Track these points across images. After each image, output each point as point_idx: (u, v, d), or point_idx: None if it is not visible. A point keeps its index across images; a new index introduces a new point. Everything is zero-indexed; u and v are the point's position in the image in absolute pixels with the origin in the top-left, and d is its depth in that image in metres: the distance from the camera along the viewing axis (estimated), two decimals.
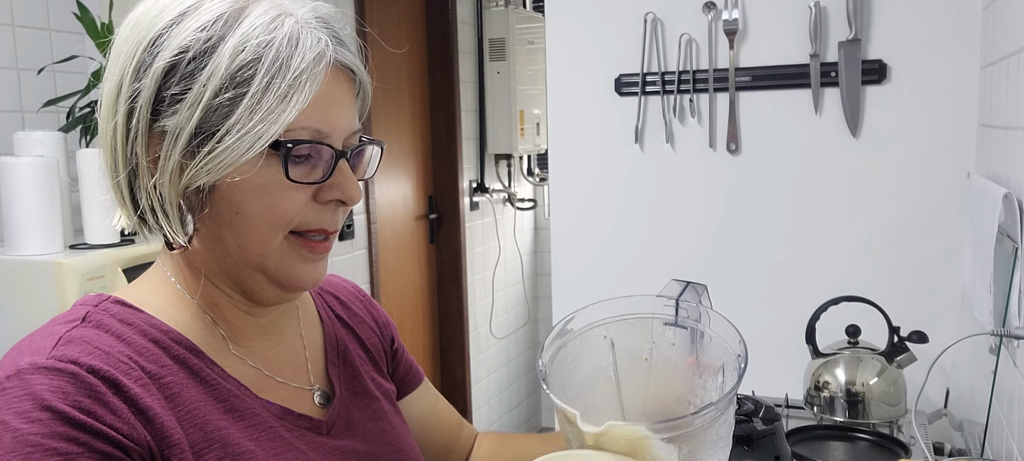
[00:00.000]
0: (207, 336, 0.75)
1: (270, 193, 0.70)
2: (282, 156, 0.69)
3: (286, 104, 0.68)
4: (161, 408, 0.67)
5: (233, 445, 0.70)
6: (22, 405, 0.62)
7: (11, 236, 1.83)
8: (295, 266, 0.74)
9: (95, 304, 0.73)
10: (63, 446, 0.61)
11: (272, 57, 0.68)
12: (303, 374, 0.82)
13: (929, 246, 1.79)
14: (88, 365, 0.65)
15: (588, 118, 2.03)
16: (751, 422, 1.07)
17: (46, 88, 2.12)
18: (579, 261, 2.09)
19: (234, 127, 0.67)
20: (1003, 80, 1.43)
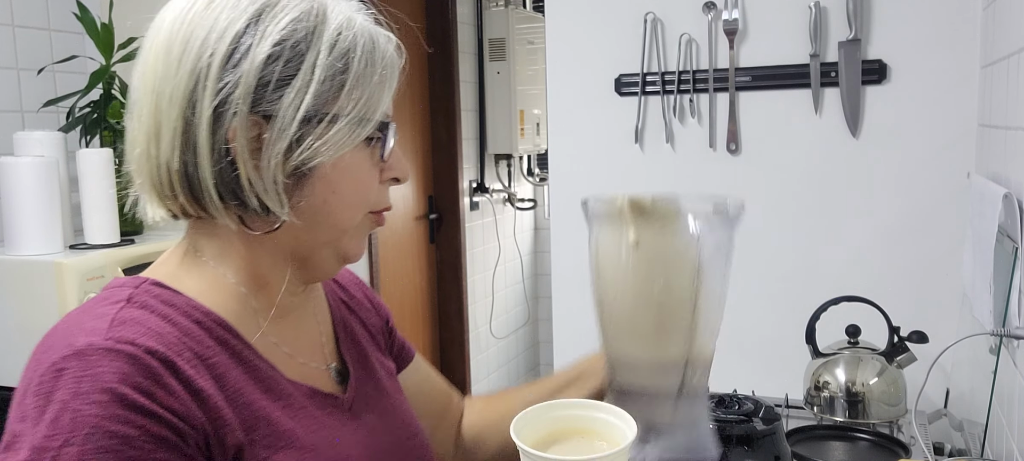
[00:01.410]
0: (242, 318, 0.77)
1: (361, 174, 0.77)
2: (378, 139, 0.76)
3: (383, 90, 0.76)
4: (213, 389, 0.69)
5: (275, 423, 0.73)
6: (81, 386, 0.63)
7: (11, 236, 1.83)
8: (361, 240, 0.81)
9: (135, 286, 0.74)
10: (121, 429, 0.62)
11: (363, 47, 0.74)
12: (320, 354, 0.85)
13: (929, 246, 1.79)
14: (145, 346, 0.66)
15: (588, 118, 2.03)
16: (751, 422, 1.07)
17: (46, 88, 2.12)
18: (579, 261, 2.09)
19: (342, 112, 0.73)
20: (1003, 80, 1.43)
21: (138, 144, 0.74)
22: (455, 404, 1.09)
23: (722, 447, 1.05)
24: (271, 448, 0.72)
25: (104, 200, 1.94)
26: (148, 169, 0.74)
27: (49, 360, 0.66)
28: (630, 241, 0.82)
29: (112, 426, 0.62)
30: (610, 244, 0.84)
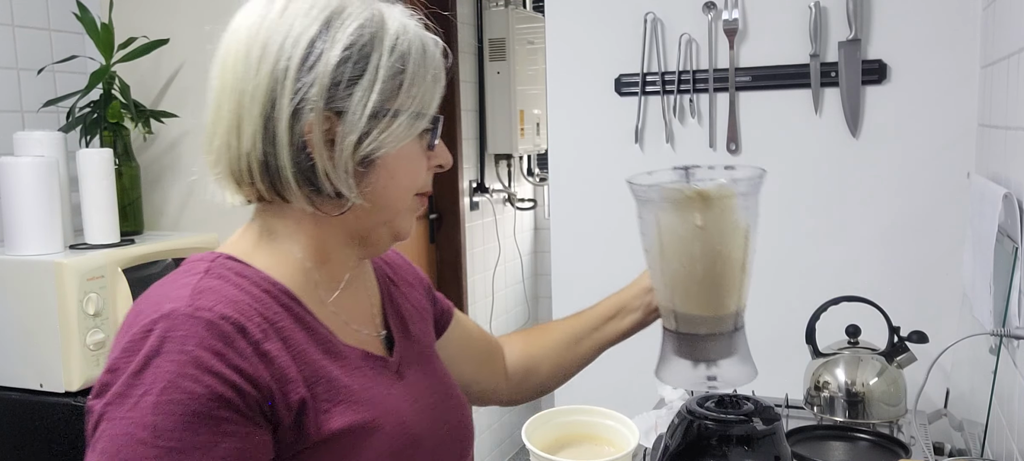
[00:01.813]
0: (306, 289, 0.87)
1: (415, 161, 0.88)
2: (428, 131, 0.88)
3: (435, 87, 0.87)
4: (279, 350, 0.79)
5: (334, 380, 0.83)
6: (164, 346, 0.74)
7: (11, 236, 1.83)
8: (410, 220, 0.92)
9: (211, 260, 0.84)
10: (191, 385, 0.72)
11: (417, 50, 0.85)
12: (371, 323, 0.96)
13: (929, 246, 1.79)
14: (220, 313, 0.76)
15: (588, 118, 2.03)
16: (751, 422, 1.07)
17: (46, 88, 2.12)
18: (579, 261, 2.09)
19: (402, 107, 0.83)
20: (1003, 80, 1.43)
21: (218, 136, 0.83)
22: (496, 346, 1.23)
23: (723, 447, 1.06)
24: (330, 401, 0.82)
25: (104, 200, 1.94)
26: (228, 159, 0.84)
27: (140, 323, 0.76)
28: (697, 224, 0.97)
29: (184, 382, 0.72)
30: (675, 225, 0.99)
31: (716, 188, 0.98)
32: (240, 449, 0.74)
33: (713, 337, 1.02)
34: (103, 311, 1.80)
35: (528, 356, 1.23)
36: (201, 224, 2.30)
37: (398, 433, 0.86)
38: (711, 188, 0.97)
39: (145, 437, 0.71)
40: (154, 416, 0.71)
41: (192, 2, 2.22)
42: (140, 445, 0.71)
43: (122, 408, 0.72)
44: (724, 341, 1.02)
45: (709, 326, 1.02)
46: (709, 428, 1.06)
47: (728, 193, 0.98)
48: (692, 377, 1.02)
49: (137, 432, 0.71)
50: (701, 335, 1.02)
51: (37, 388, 1.79)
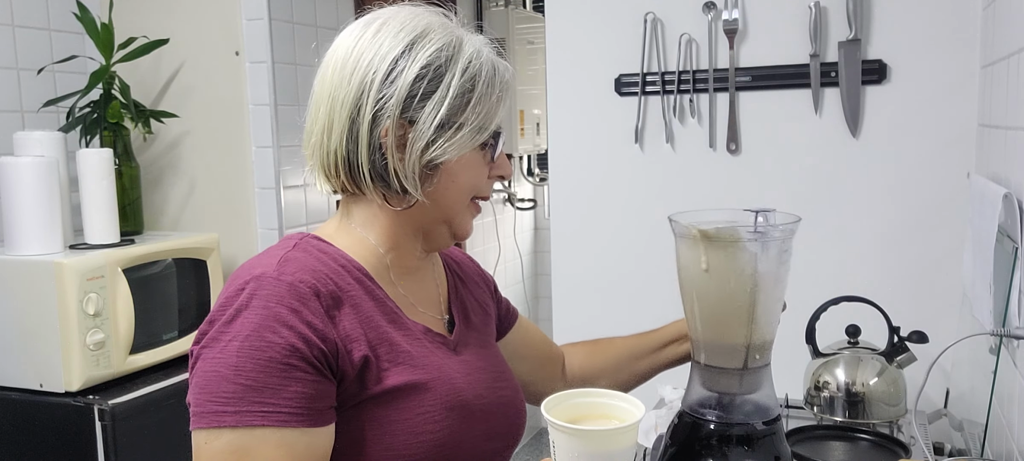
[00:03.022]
0: (377, 268, 1.01)
1: (475, 169, 1.00)
2: (491, 145, 1.00)
3: (499, 107, 0.99)
4: (347, 314, 0.93)
5: (397, 345, 0.96)
6: (252, 301, 0.88)
7: (11, 236, 1.83)
8: (469, 220, 1.04)
9: (300, 238, 0.99)
10: (268, 335, 0.86)
11: (487, 72, 0.97)
12: (437, 307, 1.09)
13: (929, 246, 1.79)
14: (300, 278, 0.91)
15: (588, 118, 2.03)
16: (751, 422, 1.07)
17: (46, 88, 2.12)
18: (579, 261, 2.09)
19: (467, 120, 0.96)
20: (1003, 80, 1.43)
21: (314, 135, 0.98)
22: (556, 351, 1.34)
23: (723, 447, 1.05)
24: (391, 362, 0.95)
25: (104, 200, 1.94)
26: (321, 155, 0.98)
27: (236, 284, 0.91)
28: (702, 267, 1.05)
29: (264, 333, 0.86)
30: (689, 261, 1.08)
31: (718, 231, 1.05)
32: (305, 394, 0.87)
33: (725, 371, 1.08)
34: (103, 311, 1.80)
35: (589, 366, 1.34)
36: (201, 224, 2.30)
37: (448, 393, 0.98)
38: (711, 229, 1.05)
39: (228, 374, 0.85)
40: (238, 358, 0.85)
41: (192, 2, 2.22)
42: (223, 381, 0.85)
43: (213, 350, 0.87)
44: (733, 377, 1.07)
45: (720, 357, 1.08)
46: (709, 428, 1.06)
47: (732, 238, 1.04)
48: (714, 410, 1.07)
49: (222, 370, 0.85)
50: (719, 368, 1.08)
51: (37, 388, 1.79)
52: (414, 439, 0.94)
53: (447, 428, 0.96)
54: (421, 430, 0.94)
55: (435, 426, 0.95)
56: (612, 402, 0.92)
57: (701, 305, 1.08)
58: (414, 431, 0.94)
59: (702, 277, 1.06)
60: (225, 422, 0.85)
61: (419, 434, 0.94)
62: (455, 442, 0.97)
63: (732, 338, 1.07)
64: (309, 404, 0.87)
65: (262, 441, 0.85)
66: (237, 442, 0.85)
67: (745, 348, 1.06)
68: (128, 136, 2.13)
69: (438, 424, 0.96)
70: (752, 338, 1.06)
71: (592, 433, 0.84)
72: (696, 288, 1.08)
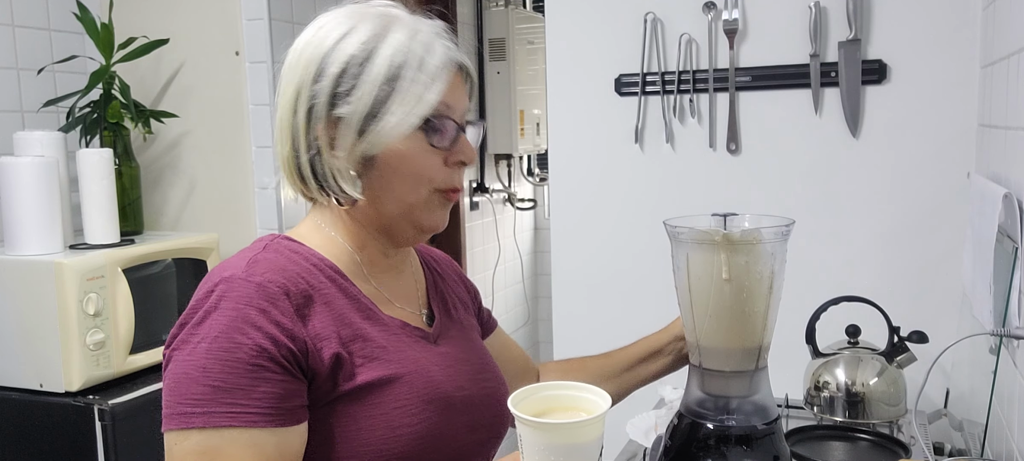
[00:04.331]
0: (350, 266, 1.01)
1: (418, 158, 0.96)
2: (425, 130, 0.96)
3: (427, 92, 0.95)
4: (318, 312, 0.93)
5: (371, 340, 0.96)
6: (221, 303, 0.89)
7: (11, 236, 1.83)
8: (436, 213, 1.01)
9: (271, 239, 1.00)
10: (236, 336, 0.87)
11: (416, 56, 0.95)
12: (414, 302, 1.08)
13: (929, 246, 1.79)
14: (268, 279, 0.91)
15: (588, 118, 2.03)
16: (750, 423, 1.07)
17: (46, 88, 2.12)
18: (579, 261, 2.09)
19: (393, 109, 0.94)
20: (1003, 80, 1.42)
21: (276, 142, 1.00)
22: (532, 366, 1.33)
23: (722, 447, 1.06)
24: (366, 358, 0.95)
25: (104, 200, 1.94)
26: (280, 161, 1.00)
27: (206, 286, 0.91)
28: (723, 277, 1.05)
29: (233, 334, 0.87)
30: (703, 269, 1.07)
31: (742, 234, 1.06)
32: (274, 394, 0.87)
33: (736, 375, 1.08)
34: (103, 311, 1.80)
35: None
36: (201, 224, 2.30)
37: (426, 386, 0.98)
38: (735, 233, 1.06)
39: (197, 376, 0.86)
40: (206, 359, 0.86)
41: (192, 2, 2.22)
42: (192, 383, 0.86)
43: (183, 352, 0.88)
44: (744, 380, 1.08)
45: (732, 362, 1.08)
46: (708, 428, 1.06)
47: (753, 239, 1.05)
48: (713, 412, 1.08)
49: (191, 372, 0.86)
50: (724, 372, 1.08)
51: (37, 388, 1.79)
52: (392, 433, 0.94)
53: (426, 421, 0.96)
54: (398, 424, 0.94)
55: (413, 420, 0.95)
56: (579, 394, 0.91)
57: (715, 311, 1.07)
58: (391, 425, 0.94)
59: (717, 283, 1.06)
60: (194, 423, 0.85)
61: (397, 428, 0.94)
62: (436, 435, 0.97)
63: (742, 342, 1.07)
64: (278, 404, 0.87)
65: (231, 442, 0.85)
66: (206, 443, 0.85)
67: (756, 351, 1.08)
68: (128, 136, 2.13)
69: (415, 417, 0.95)
70: (763, 340, 1.08)
71: (558, 426, 0.83)
72: (712, 298, 1.07)
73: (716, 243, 1.05)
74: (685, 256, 1.09)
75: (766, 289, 1.06)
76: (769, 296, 1.07)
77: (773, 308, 1.08)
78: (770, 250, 1.05)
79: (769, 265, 1.06)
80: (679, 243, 1.10)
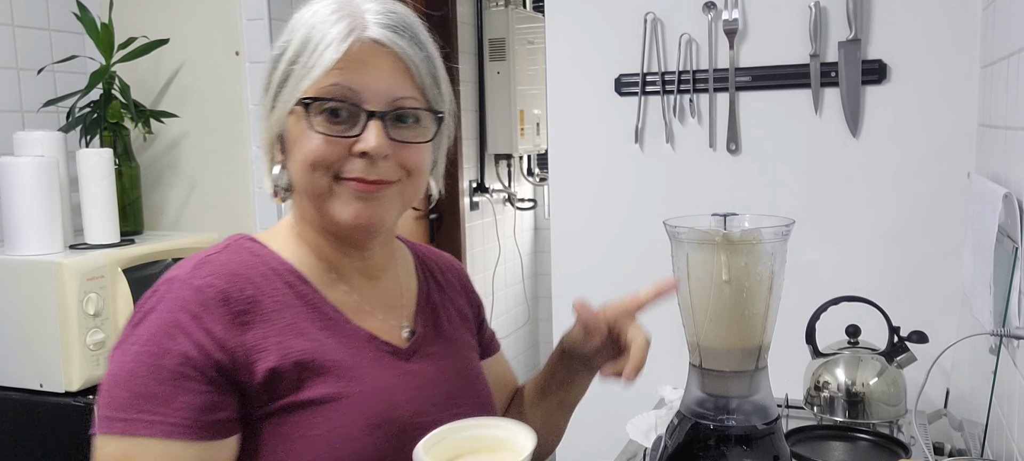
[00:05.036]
0: (316, 270, 0.95)
1: (306, 142, 0.90)
2: (307, 111, 0.89)
3: (309, 71, 0.88)
4: (259, 321, 0.88)
5: (325, 354, 0.90)
6: (157, 305, 0.86)
7: (11, 236, 1.83)
8: (344, 204, 0.91)
9: (235, 240, 0.96)
10: (165, 341, 0.84)
11: (316, 38, 0.89)
12: (396, 313, 1.01)
13: (929, 246, 1.79)
14: (209, 283, 0.87)
15: (588, 118, 2.03)
16: (750, 423, 1.07)
17: (46, 88, 2.12)
18: (579, 261, 2.09)
19: (284, 96, 0.90)
20: (1003, 80, 1.42)
21: None
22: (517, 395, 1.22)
23: (722, 447, 1.05)
24: (314, 372, 0.88)
25: (104, 200, 1.94)
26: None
27: (154, 286, 0.89)
28: (723, 278, 1.04)
29: (161, 339, 0.84)
30: (703, 270, 1.06)
31: (742, 234, 1.06)
32: (196, 405, 0.83)
33: (736, 375, 1.08)
34: (103, 311, 1.80)
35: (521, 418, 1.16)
36: (201, 224, 2.30)
37: (376, 408, 0.90)
38: (737, 234, 1.05)
39: (123, 380, 0.83)
40: (134, 363, 0.83)
41: (192, 2, 2.22)
42: (118, 387, 0.83)
43: (117, 354, 0.85)
44: (745, 379, 1.08)
45: (733, 362, 1.08)
46: (708, 428, 1.06)
47: (753, 239, 1.05)
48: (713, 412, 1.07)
49: (119, 375, 0.84)
50: (724, 372, 1.08)
51: (37, 388, 1.79)
52: (332, 455, 0.87)
53: (371, 446, 0.89)
54: (339, 447, 0.87)
55: (355, 444, 0.88)
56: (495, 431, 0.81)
57: (714, 311, 1.07)
58: (332, 446, 0.87)
59: (717, 283, 1.05)
60: (114, 429, 0.82)
61: (337, 450, 0.87)
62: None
63: (742, 342, 1.07)
64: (199, 416, 0.82)
65: (146, 451, 0.81)
66: (124, 450, 0.81)
67: (756, 351, 1.07)
68: (128, 136, 2.13)
69: (358, 442, 0.88)
70: (763, 340, 1.07)
71: None
72: (712, 299, 1.07)
73: (716, 243, 1.04)
74: (685, 256, 1.09)
75: (766, 289, 1.06)
76: (769, 296, 1.06)
77: (773, 308, 1.07)
78: (770, 250, 1.05)
79: (769, 265, 1.05)
80: (679, 243, 1.09)
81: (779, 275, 1.08)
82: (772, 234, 1.06)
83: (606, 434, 1.73)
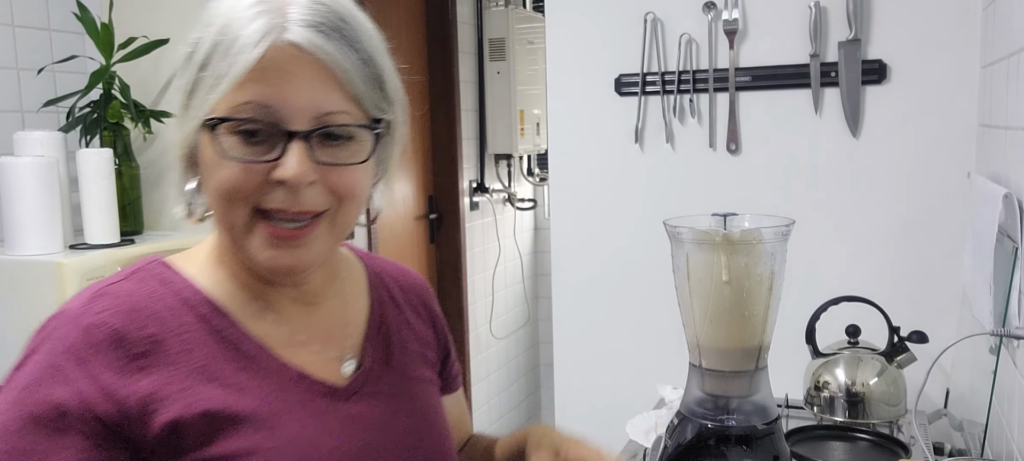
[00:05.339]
0: (236, 299, 0.81)
1: (217, 169, 0.75)
2: (213, 132, 0.74)
3: (218, 82, 0.73)
4: (161, 364, 0.75)
5: (239, 401, 0.76)
6: (42, 345, 0.74)
7: (11, 236, 1.83)
8: (260, 247, 0.76)
9: (146, 264, 0.83)
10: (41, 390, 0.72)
11: (228, 39, 0.73)
12: (337, 344, 0.86)
13: (929, 246, 1.79)
14: (101, 320, 0.74)
15: (588, 118, 2.03)
16: (750, 423, 1.07)
17: (46, 88, 2.12)
18: (579, 261, 2.09)
19: (192, 108, 0.76)
20: (1003, 80, 1.42)
21: None
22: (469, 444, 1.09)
23: (722, 447, 1.05)
24: (225, 423, 0.75)
25: (104, 200, 1.94)
26: None
27: (45, 320, 0.77)
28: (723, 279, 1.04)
29: (39, 387, 0.72)
30: (703, 270, 1.06)
31: (742, 234, 1.06)
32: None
33: (736, 375, 1.08)
34: None
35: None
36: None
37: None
38: (737, 234, 1.06)
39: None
40: (6, 416, 0.72)
41: (192, 2, 2.22)
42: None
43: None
44: (744, 379, 1.08)
45: (733, 362, 1.08)
46: (708, 428, 1.06)
47: (753, 239, 1.05)
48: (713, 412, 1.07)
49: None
50: (724, 372, 1.08)
51: None
52: None
53: None
54: None
55: None
56: None
57: (713, 311, 1.07)
58: None
59: (717, 283, 1.06)
60: None
61: None
62: None
63: (742, 342, 1.07)
64: None
65: None
66: None
67: (756, 350, 1.08)
68: (128, 136, 2.13)
69: None
70: (763, 340, 1.08)
71: None
72: (713, 299, 1.07)
73: (716, 243, 1.05)
74: (685, 256, 1.09)
75: (766, 289, 1.06)
76: (769, 296, 1.07)
77: (773, 308, 1.08)
78: (770, 250, 1.05)
79: (769, 265, 1.05)
80: (679, 243, 1.10)
81: (779, 275, 1.08)
82: (772, 234, 1.06)
83: (606, 434, 1.73)
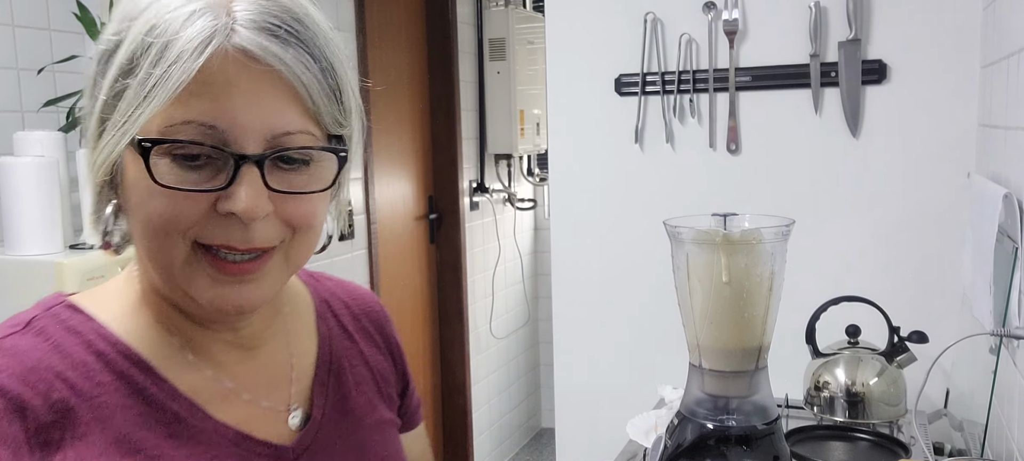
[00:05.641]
0: (162, 348, 0.68)
1: (148, 196, 0.62)
2: (143, 157, 0.60)
3: (150, 95, 0.59)
4: (71, 435, 0.62)
5: None
6: None
7: (11, 236, 1.83)
8: (204, 286, 0.64)
9: (48, 307, 0.68)
10: None
11: (161, 40, 0.60)
12: (281, 393, 0.74)
13: (929, 246, 1.79)
14: (2, 385, 0.61)
15: (588, 118, 2.03)
16: (750, 423, 1.07)
17: (46, 88, 2.12)
18: (579, 261, 2.09)
19: (114, 121, 0.61)
20: (1003, 80, 1.42)
21: None
22: None
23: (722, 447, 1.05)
24: None
25: None
26: None
27: None
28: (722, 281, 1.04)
29: None
30: (703, 270, 1.06)
31: (742, 234, 1.06)
32: None
33: (736, 375, 1.08)
34: None
35: None
36: None
37: None
38: (737, 234, 1.06)
39: None
40: None
41: None
42: None
43: None
44: (744, 379, 1.08)
45: (732, 362, 1.08)
46: (708, 428, 1.06)
47: (753, 239, 1.05)
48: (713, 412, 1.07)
49: None
50: (724, 372, 1.08)
51: None
52: None
53: None
54: None
55: None
56: None
57: (714, 311, 1.07)
58: None
59: (717, 283, 1.06)
60: None
61: None
62: None
63: (742, 342, 1.07)
64: None
65: None
66: None
67: (756, 351, 1.08)
68: None
69: None
70: (763, 340, 1.08)
71: None
72: (711, 300, 1.07)
73: (716, 243, 1.05)
74: (685, 256, 1.09)
75: (766, 289, 1.06)
76: (769, 296, 1.07)
77: (773, 308, 1.08)
78: (770, 250, 1.05)
79: (769, 265, 1.05)
80: (679, 243, 1.10)
81: (779, 275, 1.08)
82: (772, 234, 1.06)
83: (606, 434, 1.73)
